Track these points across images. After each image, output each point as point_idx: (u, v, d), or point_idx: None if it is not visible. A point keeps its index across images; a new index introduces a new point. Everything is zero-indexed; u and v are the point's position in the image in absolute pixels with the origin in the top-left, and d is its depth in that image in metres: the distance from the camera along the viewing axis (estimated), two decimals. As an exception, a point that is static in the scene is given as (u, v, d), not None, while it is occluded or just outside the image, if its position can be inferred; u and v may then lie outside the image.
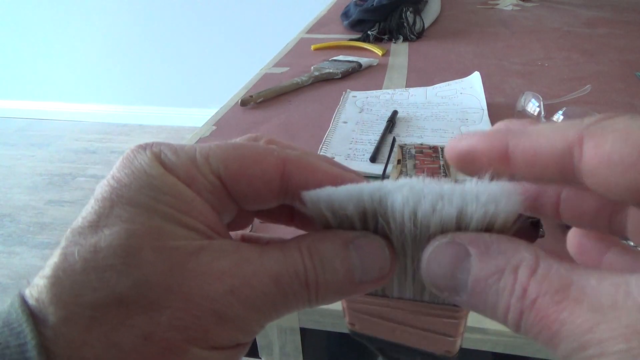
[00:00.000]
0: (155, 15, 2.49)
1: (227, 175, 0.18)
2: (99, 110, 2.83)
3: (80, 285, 0.15)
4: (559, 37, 1.14)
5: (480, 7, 1.46)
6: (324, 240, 0.18)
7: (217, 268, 0.16)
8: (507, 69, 0.93)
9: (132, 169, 0.17)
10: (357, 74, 0.91)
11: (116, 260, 0.15)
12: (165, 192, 0.16)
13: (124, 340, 0.14)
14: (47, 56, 2.72)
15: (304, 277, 0.17)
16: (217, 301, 0.16)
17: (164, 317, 0.15)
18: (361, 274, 0.17)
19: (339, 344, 0.43)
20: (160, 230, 0.16)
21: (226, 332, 0.16)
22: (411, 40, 1.12)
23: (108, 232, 0.15)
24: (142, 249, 0.15)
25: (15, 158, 2.44)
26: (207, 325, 0.15)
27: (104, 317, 0.14)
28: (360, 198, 0.17)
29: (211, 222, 0.17)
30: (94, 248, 0.15)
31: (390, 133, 0.67)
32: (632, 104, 0.76)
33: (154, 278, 0.15)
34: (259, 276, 0.16)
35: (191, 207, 0.17)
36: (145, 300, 0.15)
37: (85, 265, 0.15)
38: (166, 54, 2.58)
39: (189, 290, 0.15)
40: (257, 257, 0.17)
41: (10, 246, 1.79)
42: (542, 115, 0.66)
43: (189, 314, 0.15)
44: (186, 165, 0.17)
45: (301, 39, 1.18)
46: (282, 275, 0.17)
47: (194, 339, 0.15)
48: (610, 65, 0.94)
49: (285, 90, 0.82)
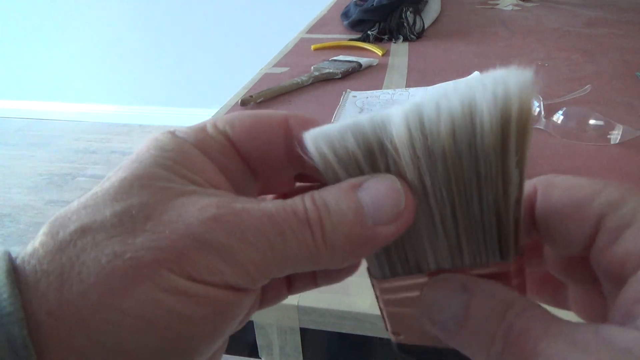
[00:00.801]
0: (155, 15, 2.48)
1: (235, 135, 0.18)
2: (99, 110, 2.82)
3: (69, 220, 0.15)
4: (559, 37, 1.14)
5: (480, 7, 1.46)
6: (329, 188, 0.17)
7: (204, 201, 0.15)
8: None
9: (148, 141, 0.18)
10: (357, 74, 0.91)
11: (106, 197, 0.15)
12: (170, 150, 0.17)
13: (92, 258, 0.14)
14: (47, 56, 2.71)
15: (304, 215, 0.16)
16: (197, 227, 0.15)
17: (138, 239, 0.14)
18: (373, 212, 0.16)
19: (339, 344, 0.43)
20: (154, 174, 0.16)
21: (207, 260, 0.14)
22: (411, 40, 1.12)
23: (107, 182, 0.16)
24: (133, 186, 0.15)
25: (15, 158, 2.44)
26: (183, 248, 0.14)
27: (80, 240, 0.14)
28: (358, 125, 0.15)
29: (214, 179, 0.17)
30: (91, 194, 0.16)
31: (390, 133, 0.67)
32: (632, 104, 0.76)
33: (135, 208, 0.15)
34: (250, 210, 0.15)
35: (193, 162, 0.17)
36: (123, 227, 0.15)
37: (79, 206, 0.15)
38: (166, 54, 2.58)
39: (168, 218, 0.15)
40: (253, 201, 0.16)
41: (10, 246, 1.78)
42: (542, 115, 0.66)
43: (163, 237, 0.14)
44: (196, 130, 0.18)
45: (301, 39, 1.18)
46: (278, 212, 0.16)
47: (167, 261, 0.14)
48: (610, 65, 0.94)
49: (285, 90, 0.82)
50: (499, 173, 0.14)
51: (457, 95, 0.14)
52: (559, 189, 0.17)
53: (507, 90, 0.13)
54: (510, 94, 0.13)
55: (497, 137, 0.13)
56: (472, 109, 0.13)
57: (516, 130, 0.14)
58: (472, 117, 0.13)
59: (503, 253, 0.16)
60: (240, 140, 0.18)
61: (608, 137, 0.63)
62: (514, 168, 0.14)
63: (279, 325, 0.42)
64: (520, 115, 0.13)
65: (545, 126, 0.66)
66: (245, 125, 0.18)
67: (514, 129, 0.13)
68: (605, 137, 0.63)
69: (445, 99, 0.14)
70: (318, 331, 0.41)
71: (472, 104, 0.13)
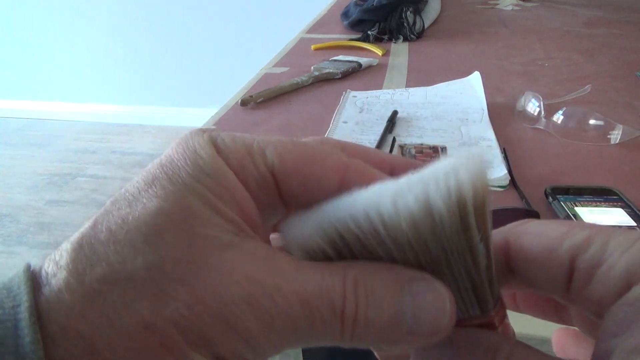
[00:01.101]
0: (155, 15, 2.49)
1: (281, 170, 0.16)
2: (99, 110, 2.82)
3: (97, 255, 0.14)
4: (559, 37, 1.14)
5: (480, 7, 1.46)
6: (376, 273, 0.15)
7: (240, 270, 0.14)
8: (507, 69, 0.93)
9: (184, 148, 0.16)
10: (357, 74, 0.91)
11: (138, 236, 0.14)
12: (209, 174, 0.15)
13: (123, 323, 0.13)
14: (47, 56, 2.72)
15: (340, 307, 0.15)
16: (229, 307, 0.14)
17: (169, 310, 0.14)
18: (411, 321, 0.15)
19: (339, 344, 0.43)
20: (191, 212, 0.15)
21: (231, 344, 0.14)
22: (411, 40, 1.12)
23: (140, 207, 0.15)
24: (167, 230, 0.14)
25: (15, 158, 2.44)
26: (211, 331, 0.14)
27: (110, 293, 0.14)
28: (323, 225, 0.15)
29: (250, 216, 0.16)
30: (122, 220, 0.14)
31: (390, 133, 0.67)
32: (632, 104, 0.76)
33: (169, 264, 0.14)
34: (284, 292, 0.15)
35: (232, 195, 0.16)
36: (154, 285, 0.14)
37: (109, 237, 0.14)
38: (166, 54, 2.58)
39: (202, 287, 0.14)
40: (290, 271, 0.15)
41: (10, 246, 1.78)
42: (542, 115, 0.66)
43: (194, 314, 0.14)
44: (240, 152, 0.16)
45: (301, 39, 1.18)
46: (314, 299, 0.15)
47: (194, 343, 0.14)
48: (610, 65, 0.94)
49: (285, 90, 0.82)
50: (465, 250, 0.15)
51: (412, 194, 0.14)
52: (529, 236, 0.17)
53: (459, 181, 0.14)
54: (462, 183, 0.14)
55: (456, 223, 0.14)
56: (428, 205, 0.14)
57: (474, 213, 0.14)
58: (430, 211, 0.14)
59: (482, 308, 0.17)
60: (286, 180, 0.17)
61: (608, 137, 0.63)
62: (478, 242, 0.15)
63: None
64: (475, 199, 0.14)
65: (545, 126, 0.66)
66: (296, 164, 0.17)
67: (472, 212, 0.14)
68: (605, 137, 0.63)
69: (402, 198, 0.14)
70: (318, 331, 0.41)
71: (428, 201, 0.14)
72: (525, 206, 0.49)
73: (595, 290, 0.15)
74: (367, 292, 0.15)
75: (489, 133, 0.66)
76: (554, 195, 0.49)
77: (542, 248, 0.16)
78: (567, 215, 0.46)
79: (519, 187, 0.52)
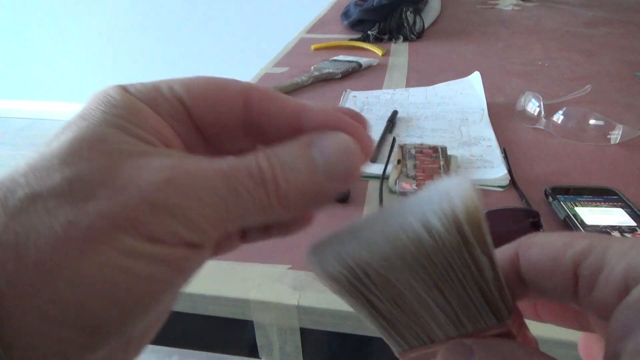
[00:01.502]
0: (155, 15, 2.49)
1: (190, 99, 0.18)
2: (99, 110, 2.83)
3: (17, 183, 0.15)
4: (559, 37, 1.14)
5: (480, 7, 1.46)
6: (283, 145, 0.17)
7: (156, 163, 0.15)
8: (507, 69, 0.93)
9: (96, 96, 0.17)
10: (357, 74, 0.91)
11: (54, 160, 0.15)
12: (121, 107, 0.16)
13: (46, 226, 0.14)
14: (47, 56, 2.72)
15: (259, 175, 0.16)
16: (150, 189, 0.15)
17: (91, 206, 0.14)
18: (326, 167, 0.17)
19: (339, 344, 0.43)
20: (104, 135, 0.15)
21: (161, 221, 0.15)
22: (411, 40, 1.12)
23: (56, 142, 0.16)
24: (82, 149, 0.15)
25: (15, 158, 2.44)
26: (137, 212, 0.14)
27: (31, 207, 0.14)
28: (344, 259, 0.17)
29: (166, 137, 0.17)
30: (39, 155, 0.15)
31: (391, 133, 0.67)
32: (632, 104, 0.76)
33: (87, 173, 0.15)
34: (204, 170, 0.16)
35: (144, 120, 0.16)
36: (75, 193, 0.14)
37: (27, 169, 0.15)
38: (166, 54, 2.58)
39: (121, 183, 0.15)
40: (207, 159, 0.16)
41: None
42: (542, 115, 0.66)
43: (117, 202, 0.14)
44: (150, 90, 0.17)
45: (301, 39, 1.18)
46: (232, 172, 0.16)
47: (122, 227, 0.14)
48: (610, 65, 0.94)
49: (285, 90, 0.82)
50: (470, 263, 0.16)
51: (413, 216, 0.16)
52: (535, 248, 0.18)
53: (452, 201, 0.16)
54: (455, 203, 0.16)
55: (456, 240, 0.16)
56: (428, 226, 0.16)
57: (470, 229, 0.16)
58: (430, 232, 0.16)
59: (497, 317, 0.18)
60: (196, 106, 0.18)
61: (608, 137, 0.63)
62: (480, 255, 0.16)
63: (279, 325, 0.42)
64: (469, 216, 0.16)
65: (545, 126, 0.66)
66: (203, 92, 0.18)
67: (468, 228, 0.16)
68: (605, 137, 0.63)
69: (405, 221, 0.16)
70: (318, 331, 0.41)
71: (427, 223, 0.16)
72: (525, 206, 0.49)
73: (599, 295, 0.16)
74: (279, 159, 0.17)
75: (489, 133, 0.66)
76: (554, 195, 0.49)
77: (548, 258, 0.17)
78: (567, 215, 0.46)
79: (519, 187, 0.52)
